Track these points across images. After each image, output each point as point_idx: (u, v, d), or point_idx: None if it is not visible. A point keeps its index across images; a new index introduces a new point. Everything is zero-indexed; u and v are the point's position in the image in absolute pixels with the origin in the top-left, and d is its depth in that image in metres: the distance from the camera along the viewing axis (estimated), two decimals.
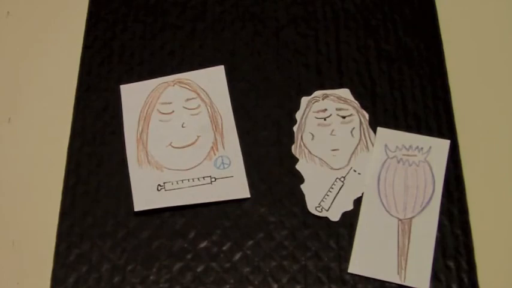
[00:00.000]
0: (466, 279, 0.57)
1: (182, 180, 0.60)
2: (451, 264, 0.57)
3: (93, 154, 0.62)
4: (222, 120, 0.63)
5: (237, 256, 0.58)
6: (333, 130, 0.63)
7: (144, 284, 0.57)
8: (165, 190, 0.60)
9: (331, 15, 0.68)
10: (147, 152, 0.61)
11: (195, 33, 0.67)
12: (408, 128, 0.62)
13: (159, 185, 0.60)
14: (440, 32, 0.67)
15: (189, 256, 0.58)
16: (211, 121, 0.63)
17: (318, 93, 0.64)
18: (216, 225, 0.59)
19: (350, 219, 0.59)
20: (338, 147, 0.62)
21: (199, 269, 0.57)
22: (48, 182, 0.61)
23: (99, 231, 0.59)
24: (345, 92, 0.64)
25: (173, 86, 0.64)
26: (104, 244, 0.58)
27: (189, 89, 0.64)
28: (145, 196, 0.59)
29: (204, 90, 0.64)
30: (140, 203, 0.59)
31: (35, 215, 0.60)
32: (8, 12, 0.70)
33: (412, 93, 0.64)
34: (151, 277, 0.57)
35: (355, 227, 0.58)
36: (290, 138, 0.62)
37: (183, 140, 0.62)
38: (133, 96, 0.64)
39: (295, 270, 0.57)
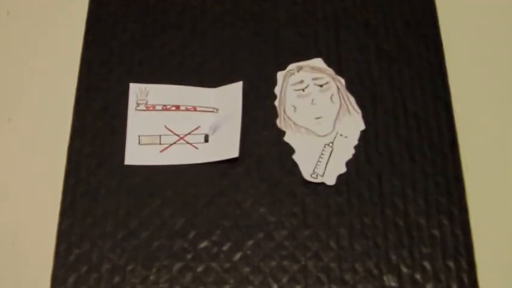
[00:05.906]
0: (466, 279, 0.57)
1: None
2: (451, 264, 0.57)
3: (93, 154, 0.62)
4: None
5: (237, 256, 0.58)
6: (312, 100, 0.64)
7: (144, 284, 0.57)
8: None
9: (331, 15, 0.68)
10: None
11: (195, 33, 0.67)
12: (408, 128, 0.62)
13: None
14: (440, 32, 0.67)
15: (189, 256, 0.58)
16: None
17: (292, 66, 0.65)
18: (216, 225, 0.59)
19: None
20: (321, 115, 0.63)
21: (199, 269, 0.57)
22: (48, 182, 0.61)
23: (99, 231, 0.59)
24: (318, 62, 0.65)
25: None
26: (104, 244, 0.58)
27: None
28: None
29: None
30: None
31: (35, 215, 0.60)
32: (8, 12, 0.70)
33: (412, 93, 0.64)
34: (151, 277, 0.57)
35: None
36: None
37: None
38: None
39: (295, 271, 0.57)
